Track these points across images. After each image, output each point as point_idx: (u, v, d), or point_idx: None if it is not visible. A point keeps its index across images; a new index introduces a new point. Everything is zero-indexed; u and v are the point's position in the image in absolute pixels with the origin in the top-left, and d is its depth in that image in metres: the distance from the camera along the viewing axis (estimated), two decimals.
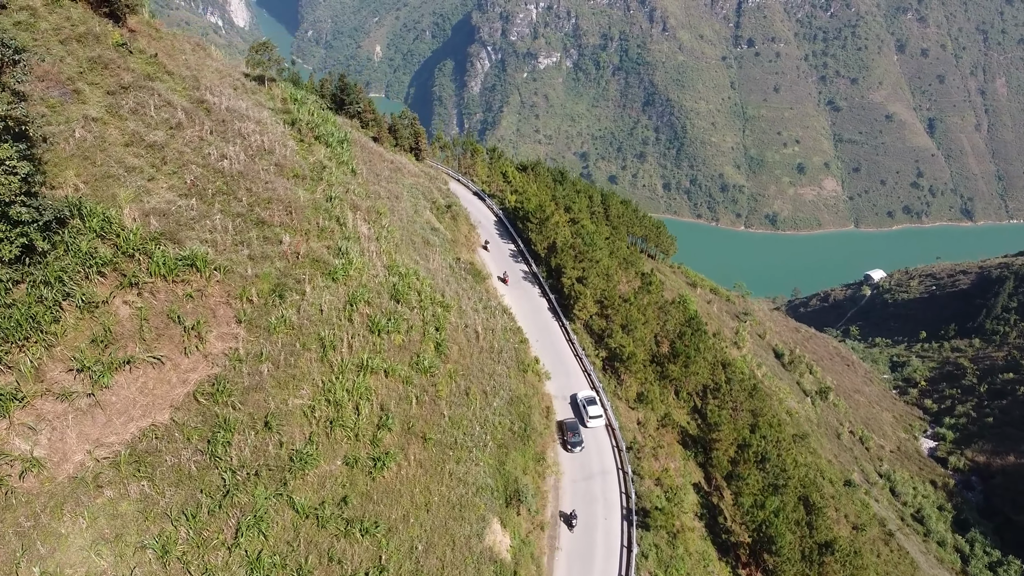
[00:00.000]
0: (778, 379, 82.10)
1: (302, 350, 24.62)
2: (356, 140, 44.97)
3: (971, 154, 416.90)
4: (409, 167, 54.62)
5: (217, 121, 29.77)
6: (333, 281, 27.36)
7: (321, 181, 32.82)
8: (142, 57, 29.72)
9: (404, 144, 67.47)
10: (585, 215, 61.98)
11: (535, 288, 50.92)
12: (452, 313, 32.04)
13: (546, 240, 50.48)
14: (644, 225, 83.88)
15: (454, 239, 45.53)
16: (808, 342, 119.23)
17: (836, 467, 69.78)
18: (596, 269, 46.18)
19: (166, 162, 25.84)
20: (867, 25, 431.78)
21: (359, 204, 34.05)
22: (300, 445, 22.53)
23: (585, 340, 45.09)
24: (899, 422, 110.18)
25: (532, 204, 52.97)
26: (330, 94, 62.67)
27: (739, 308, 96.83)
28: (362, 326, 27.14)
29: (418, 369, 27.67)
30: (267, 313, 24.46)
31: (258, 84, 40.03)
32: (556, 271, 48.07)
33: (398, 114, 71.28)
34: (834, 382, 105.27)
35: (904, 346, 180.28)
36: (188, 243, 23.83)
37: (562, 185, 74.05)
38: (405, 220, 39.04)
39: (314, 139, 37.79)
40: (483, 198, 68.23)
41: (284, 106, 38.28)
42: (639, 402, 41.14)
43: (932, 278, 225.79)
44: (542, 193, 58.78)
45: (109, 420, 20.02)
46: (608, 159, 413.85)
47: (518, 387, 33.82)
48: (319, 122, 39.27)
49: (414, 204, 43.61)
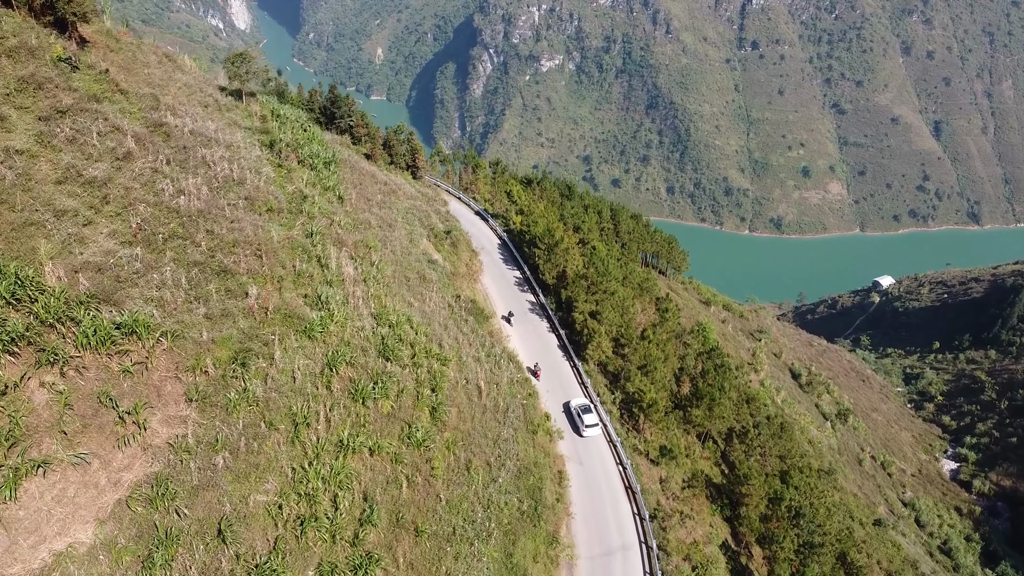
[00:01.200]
0: (796, 402, 77.79)
1: (268, 431, 20.36)
2: (346, 160, 40.71)
3: (977, 157, 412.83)
4: (405, 188, 50.18)
5: (177, 148, 25.56)
6: (309, 340, 23.11)
7: (301, 213, 28.61)
8: (90, 74, 25.52)
9: (400, 162, 62.81)
10: (595, 234, 57.66)
11: (543, 322, 46.46)
12: (451, 367, 27.78)
13: (555, 268, 46.16)
14: (655, 241, 79.62)
15: (454, 270, 41.16)
16: (822, 357, 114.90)
17: (862, 500, 65.46)
18: (611, 302, 41.89)
19: (108, 202, 21.60)
20: (872, 27, 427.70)
21: (345, 239, 29.81)
22: (262, 556, 18.27)
23: (599, 382, 40.83)
24: (918, 442, 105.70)
25: (539, 227, 48.45)
26: (320, 107, 58.30)
27: (753, 325, 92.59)
28: (343, 393, 22.88)
29: (410, 442, 23.41)
30: (226, 387, 20.20)
31: (235, 100, 35.82)
32: (567, 304, 43.73)
33: (394, 128, 66.43)
34: (851, 400, 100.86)
35: (917, 357, 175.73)
36: (129, 304, 19.59)
37: (570, 200, 69.81)
38: (399, 252, 34.79)
39: (297, 162, 33.58)
40: (486, 218, 63.70)
41: (263, 125, 34.03)
42: (662, 456, 36.85)
43: (943, 285, 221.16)
44: (549, 214, 54.39)
45: (13, 544, 15.76)
46: (611, 162, 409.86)
47: (527, 452, 29.56)
48: (303, 142, 35.05)
49: (409, 232, 39.30)
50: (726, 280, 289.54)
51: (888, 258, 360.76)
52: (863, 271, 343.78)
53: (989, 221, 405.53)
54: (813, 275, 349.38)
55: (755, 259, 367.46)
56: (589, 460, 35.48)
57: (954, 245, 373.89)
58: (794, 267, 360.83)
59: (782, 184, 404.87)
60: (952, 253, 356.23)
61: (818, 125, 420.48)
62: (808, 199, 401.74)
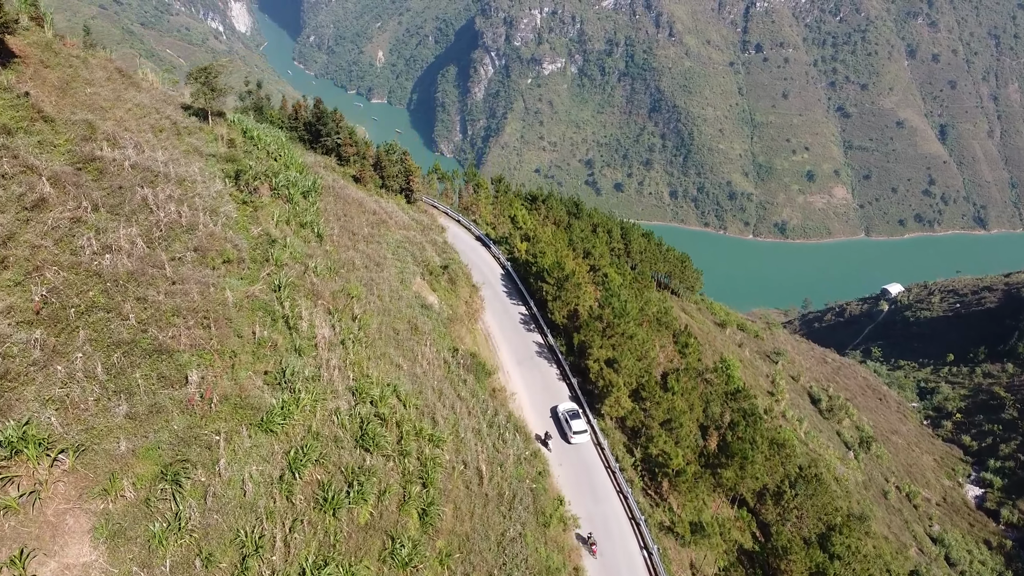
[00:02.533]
0: (818, 431, 73.07)
1: (206, 569, 15.61)
2: (330, 187, 35.79)
3: (984, 161, 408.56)
4: (397, 216, 45.01)
5: (109, 189, 20.85)
6: (267, 435, 18.37)
7: (267, 262, 23.89)
8: (3, 99, 20.84)
9: (392, 184, 57.39)
10: (607, 259, 52.77)
11: (552, 367, 41.37)
12: (446, 448, 23.04)
13: (566, 306, 41.23)
14: (668, 260, 74.87)
15: (452, 312, 36.16)
16: (838, 375, 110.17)
17: (893, 543, 60.67)
18: (629, 346, 37.06)
19: (7, 266, 16.90)
20: (877, 30, 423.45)
21: (321, 289, 25.09)
22: None
23: (617, 441, 35.94)
24: (940, 466, 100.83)
25: (548, 259, 43.44)
26: (305, 123, 53.19)
27: (768, 346, 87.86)
28: (308, 504, 18.13)
29: (393, 562, 18.67)
30: (149, 515, 15.46)
31: (200, 120, 31.14)
32: (579, 349, 38.82)
33: (385, 147, 60.94)
34: (871, 423, 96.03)
35: (930, 370, 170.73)
36: (19, 410, 14.89)
37: (578, 219, 65.00)
38: (387, 298, 30.03)
39: (270, 193, 28.86)
40: (488, 245, 58.26)
41: (230, 151, 29.26)
42: (693, 533, 32.04)
43: (955, 294, 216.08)
44: (557, 240, 49.38)
45: None
46: (614, 166, 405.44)
47: (538, 554, 24.67)
48: (278, 168, 30.31)
49: (400, 271, 34.40)
50: (730, 286, 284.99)
51: (894, 263, 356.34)
52: (869, 276, 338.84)
53: (996, 226, 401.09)
54: (818, 280, 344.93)
55: (759, 264, 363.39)
56: (611, 545, 30.49)
57: (961, 250, 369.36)
58: (799, 272, 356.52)
59: (786, 188, 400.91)
60: (959, 258, 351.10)
61: (823, 129, 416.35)
62: (813, 203, 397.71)
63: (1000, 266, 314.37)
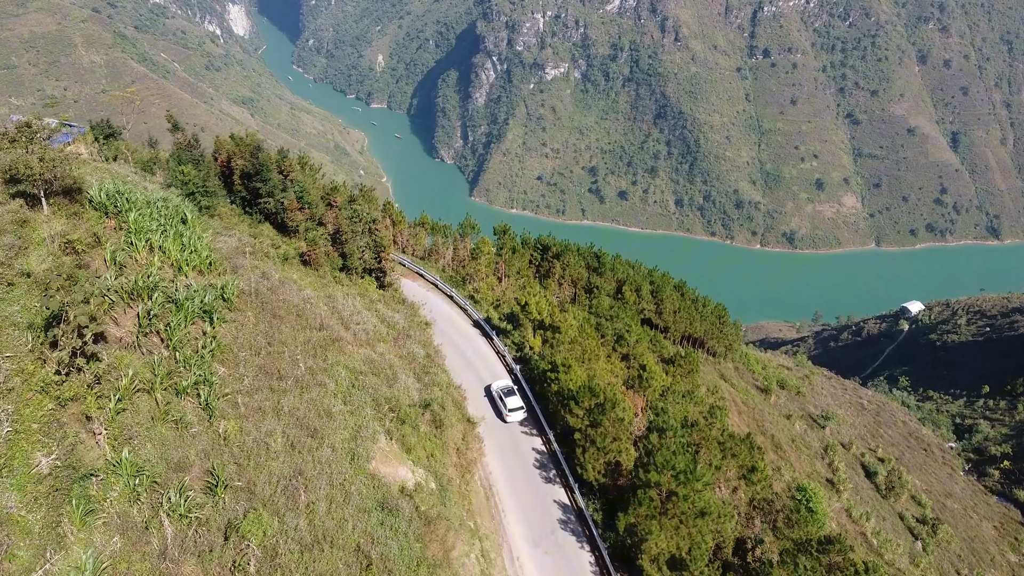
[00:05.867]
0: (882, 518, 61.34)
1: None
2: (253, 289, 23.28)
3: (996, 169, 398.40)
4: (359, 320, 30.42)
5: None
6: None
7: (66, 518, 12.09)
8: None
9: (355, 265, 41.97)
10: (644, 345, 40.51)
11: (584, 551, 27.68)
12: None
13: (603, 455, 28.36)
14: (704, 317, 63.00)
15: (438, 483, 23.02)
16: (880, 427, 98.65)
17: None
18: (702, 526, 24.50)
19: None
20: (887, 35, 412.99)
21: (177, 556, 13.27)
22: None
23: None
24: (1002, 536, 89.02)
25: (575, 376, 30.13)
26: (240, 172, 38.57)
27: (811, 405, 76.25)
28: None
29: None
30: None
31: (29, 207, 19.28)
32: (628, 531, 25.74)
33: (347, 198, 44.21)
34: (924, 486, 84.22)
35: (964, 402, 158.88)
36: None
37: (599, 275, 53.07)
38: (323, 508, 17.76)
39: (134, 328, 17.05)
40: (491, 336, 44.76)
41: (58, 266, 17.36)
42: None
43: (983, 316, 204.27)
44: (585, 335, 35.97)
45: None
46: (618, 174, 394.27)
47: None
48: (155, 282, 18.46)
49: (354, 434, 21.29)
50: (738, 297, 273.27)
51: (906, 275, 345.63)
52: (881, 288, 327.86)
53: (1009, 235, 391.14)
54: (828, 292, 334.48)
55: (767, 275, 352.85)
56: None
57: (975, 261, 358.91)
58: (808, 283, 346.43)
59: (795, 197, 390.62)
60: (974, 270, 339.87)
61: (832, 136, 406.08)
62: (822, 212, 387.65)
63: (1019, 278, 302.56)
